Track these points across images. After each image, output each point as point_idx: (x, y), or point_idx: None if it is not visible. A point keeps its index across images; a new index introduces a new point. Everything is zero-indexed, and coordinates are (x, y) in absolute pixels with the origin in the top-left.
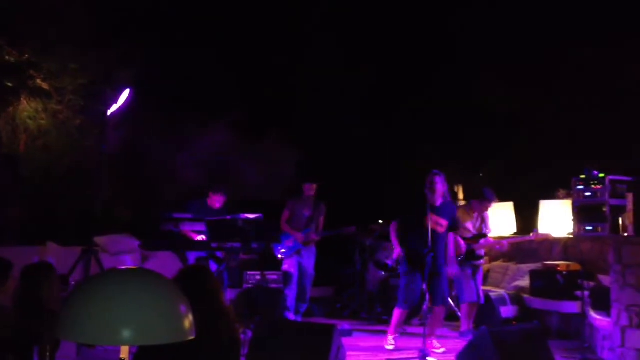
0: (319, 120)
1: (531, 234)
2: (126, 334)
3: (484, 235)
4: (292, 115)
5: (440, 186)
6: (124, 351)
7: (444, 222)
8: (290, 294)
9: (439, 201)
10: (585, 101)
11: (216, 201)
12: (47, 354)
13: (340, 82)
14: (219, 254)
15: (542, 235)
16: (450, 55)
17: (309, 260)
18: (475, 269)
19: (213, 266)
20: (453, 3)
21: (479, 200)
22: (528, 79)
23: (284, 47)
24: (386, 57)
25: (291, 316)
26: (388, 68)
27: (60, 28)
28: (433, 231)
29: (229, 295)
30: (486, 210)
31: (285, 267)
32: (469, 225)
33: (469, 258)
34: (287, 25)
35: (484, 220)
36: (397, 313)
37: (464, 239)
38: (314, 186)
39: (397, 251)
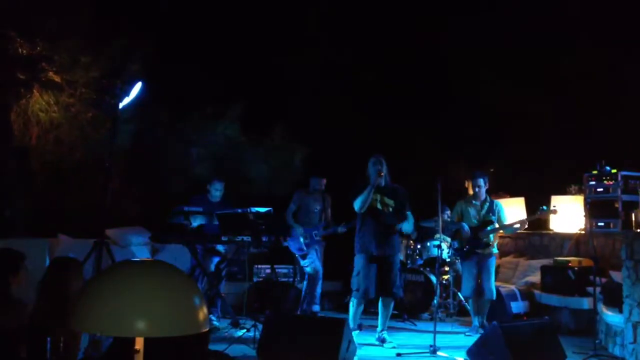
0: (325, 115)
1: (538, 213)
2: (140, 325)
3: (491, 222)
4: (298, 109)
5: (378, 167)
6: (139, 342)
7: (390, 202)
8: (318, 290)
9: (382, 182)
10: (597, 96)
11: (216, 189)
12: (61, 345)
13: (345, 78)
14: (221, 248)
15: (551, 210)
16: (456, 52)
17: (319, 254)
18: (480, 258)
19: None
20: (457, 4)
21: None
22: (539, 75)
23: (289, 41)
24: (391, 54)
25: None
26: (393, 66)
27: (69, 20)
28: (381, 210)
29: (239, 288)
30: (476, 185)
31: (307, 264)
32: (473, 212)
33: (472, 248)
34: (290, 20)
35: (491, 210)
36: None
37: (470, 227)
38: (324, 181)
39: None
